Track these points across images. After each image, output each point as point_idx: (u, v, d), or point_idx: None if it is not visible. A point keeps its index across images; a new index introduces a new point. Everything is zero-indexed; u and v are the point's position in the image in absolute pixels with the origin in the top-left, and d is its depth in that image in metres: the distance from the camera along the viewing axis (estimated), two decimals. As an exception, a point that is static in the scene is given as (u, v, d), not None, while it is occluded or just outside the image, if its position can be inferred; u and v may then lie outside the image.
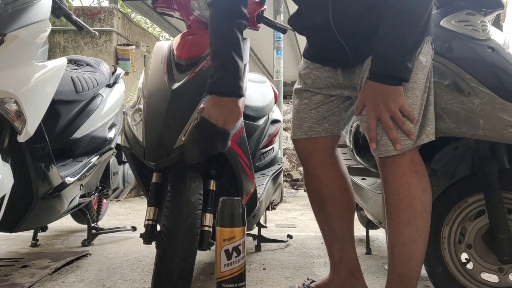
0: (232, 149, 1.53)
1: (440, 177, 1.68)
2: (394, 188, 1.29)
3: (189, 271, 1.33)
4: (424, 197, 1.28)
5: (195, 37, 1.68)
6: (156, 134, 1.45)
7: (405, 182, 1.28)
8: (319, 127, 1.49)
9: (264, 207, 2.15)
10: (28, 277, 1.80)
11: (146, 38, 6.62)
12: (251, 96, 2.16)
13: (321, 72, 1.50)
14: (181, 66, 1.60)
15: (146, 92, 1.55)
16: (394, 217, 1.29)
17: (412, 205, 1.27)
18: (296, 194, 5.82)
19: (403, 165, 1.28)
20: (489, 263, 1.50)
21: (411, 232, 1.27)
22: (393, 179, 1.29)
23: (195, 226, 1.35)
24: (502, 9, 1.64)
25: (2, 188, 1.45)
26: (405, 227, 1.27)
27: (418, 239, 1.27)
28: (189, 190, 1.41)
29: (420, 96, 1.32)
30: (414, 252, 1.28)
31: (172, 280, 1.32)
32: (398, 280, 1.30)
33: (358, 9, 1.35)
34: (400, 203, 1.28)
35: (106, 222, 3.14)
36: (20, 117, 1.56)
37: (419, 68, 1.32)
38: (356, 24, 1.36)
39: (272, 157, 2.52)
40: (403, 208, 1.27)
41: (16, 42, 1.56)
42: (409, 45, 1.25)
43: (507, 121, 1.37)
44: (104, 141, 2.53)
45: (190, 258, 1.33)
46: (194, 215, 1.36)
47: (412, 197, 1.27)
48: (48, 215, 1.97)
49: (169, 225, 1.36)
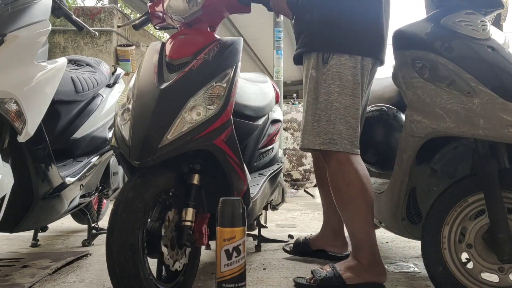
0: (220, 148, 1.54)
1: (440, 177, 1.69)
2: (329, 184, 1.76)
3: (132, 266, 1.32)
4: (348, 190, 1.69)
5: (186, 37, 1.69)
6: (141, 134, 1.46)
7: (332, 180, 1.73)
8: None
9: (260, 207, 2.14)
10: (28, 277, 1.80)
11: (146, 38, 6.62)
12: (250, 96, 2.16)
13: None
14: (172, 66, 1.61)
15: (136, 92, 1.57)
16: (336, 205, 1.77)
17: (340, 196, 1.72)
18: (296, 194, 5.82)
19: (332, 165, 1.72)
20: (489, 263, 1.50)
21: (347, 215, 1.73)
22: (328, 176, 1.76)
23: (131, 221, 1.35)
24: (502, 8, 1.64)
25: (2, 189, 1.45)
26: (342, 212, 1.75)
27: (354, 219, 1.71)
28: (131, 186, 1.41)
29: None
30: (355, 228, 1.72)
31: (115, 275, 1.34)
32: (354, 246, 1.76)
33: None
34: (334, 195, 1.75)
35: (106, 222, 3.13)
36: (20, 117, 1.56)
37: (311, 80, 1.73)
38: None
39: (271, 157, 2.52)
40: (337, 200, 1.74)
41: (16, 42, 1.56)
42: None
43: (507, 120, 1.37)
44: (104, 141, 2.53)
45: (129, 252, 1.32)
46: (130, 210, 1.36)
47: (339, 191, 1.72)
48: (48, 215, 1.97)
49: (109, 221, 1.39)
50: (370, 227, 1.71)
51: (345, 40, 1.70)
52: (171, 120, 1.48)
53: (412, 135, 1.54)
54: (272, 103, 2.49)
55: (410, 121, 1.55)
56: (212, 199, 1.52)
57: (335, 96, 1.69)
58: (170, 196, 1.52)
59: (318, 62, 1.71)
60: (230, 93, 1.59)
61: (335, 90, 1.69)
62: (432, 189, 1.72)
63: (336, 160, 1.70)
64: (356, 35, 1.71)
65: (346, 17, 1.71)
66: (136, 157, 1.46)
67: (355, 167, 1.69)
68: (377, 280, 1.69)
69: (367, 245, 1.71)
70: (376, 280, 1.69)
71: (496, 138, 1.40)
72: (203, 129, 1.50)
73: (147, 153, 1.44)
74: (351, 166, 1.69)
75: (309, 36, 1.76)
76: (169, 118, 1.48)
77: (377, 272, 1.70)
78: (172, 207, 1.52)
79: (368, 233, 1.71)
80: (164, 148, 1.45)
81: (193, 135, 1.48)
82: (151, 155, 1.44)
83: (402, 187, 1.60)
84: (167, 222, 1.48)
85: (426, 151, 1.57)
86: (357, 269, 1.70)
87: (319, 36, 1.72)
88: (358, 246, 1.72)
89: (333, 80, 1.69)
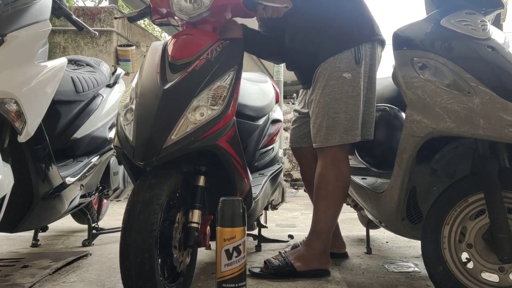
0: (224, 148, 1.54)
1: (441, 177, 1.69)
2: (318, 174, 1.90)
3: (148, 268, 1.32)
4: (336, 184, 1.86)
5: (189, 37, 1.68)
6: (145, 134, 1.46)
7: (324, 172, 1.88)
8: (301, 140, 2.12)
9: (261, 207, 2.15)
10: (28, 277, 1.80)
11: (146, 38, 6.62)
12: (251, 96, 2.16)
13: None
14: (174, 66, 1.61)
15: (139, 92, 1.56)
16: (317, 192, 1.91)
17: (326, 187, 1.86)
18: (296, 194, 5.82)
19: (327, 159, 1.87)
20: (489, 263, 1.50)
21: (324, 205, 1.89)
22: (319, 167, 1.90)
23: (149, 222, 1.34)
24: (502, 8, 1.64)
25: (2, 189, 1.45)
26: (321, 201, 1.89)
27: (329, 210, 1.89)
28: (147, 186, 1.41)
29: (345, 104, 1.82)
30: (326, 218, 1.89)
31: (131, 277, 1.33)
32: (314, 233, 1.91)
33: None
34: (320, 184, 1.89)
35: (107, 222, 3.13)
36: (20, 118, 1.56)
37: (343, 83, 1.82)
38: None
39: (272, 157, 2.52)
40: (321, 188, 1.88)
41: (16, 43, 1.56)
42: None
43: (507, 120, 1.37)
44: (104, 141, 2.53)
45: (147, 254, 1.32)
46: (148, 211, 1.35)
47: (327, 182, 1.86)
48: (49, 215, 1.97)
49: (124, 222, 1.38)
50: (336, 220, 1.95)
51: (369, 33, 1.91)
52: (175, 121, 1.47)
53: (412, 135, 1.54)
54: (272, 103, 2.49)
55: (410, 121, 1.55)
56: (214, 200, 1.52)
57: (364, 92, 1.88)
58: (177, 197, 1.53)
59: (349, 63, 1.84)
60: (233, 94, 1.59)
61: (364, 87, 1.87)
62: (432, 189, 1.71)
63: (333, 154, 1.87)
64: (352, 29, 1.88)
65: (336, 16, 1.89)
66: (140, 158, 1.45)
67: (348, 162, 1.92)
68: (323, 267, 1.89)
69: (327, 236, 1.90)
70: (322, 267, 1.89)
71: (496, 138, 1.39)
72: (207, 130, 1.49)
73: (151, 154, 1.44)
74: (346, 161, 1.91)
75: (328, 41, 1.88)
76: (173, 119, 1.48)
77: (325, 260, 1.90)
78: (181, 209, 1.52)
79: (332, 225, 1.93)
80: (169, 149, 1.45)
81: (197, 136, 1.48)
82: (155, 155, 1.44)
83: (402, 187, 1.60)
84: (177, 224, 1.48)
85: (426, 151, 1.57)
86: (307, 257, 1.87)
87: (347, 37, 1.87)
88: (319, 235, 1.89)
89: (365, 73, 1.88)
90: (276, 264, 1.86)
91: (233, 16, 1.83)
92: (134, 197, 1.41)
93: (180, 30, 1.79)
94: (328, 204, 1.88)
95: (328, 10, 1.90)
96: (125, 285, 1.35)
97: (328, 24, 1.89)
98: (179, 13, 1.70)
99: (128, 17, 1.98)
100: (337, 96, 1.83)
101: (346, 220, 3.39)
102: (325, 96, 1.85)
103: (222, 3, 1.70)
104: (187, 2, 1.67)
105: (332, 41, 1.87)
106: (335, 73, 1.84)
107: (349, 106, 1.83)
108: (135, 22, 2.12)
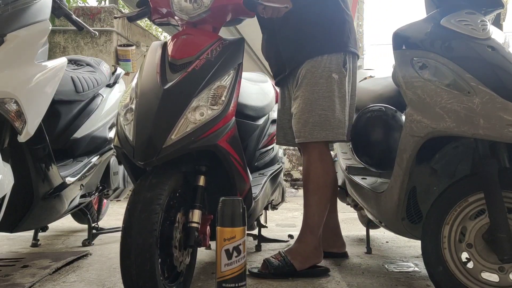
0: (224, 148, 1.54)
1: (441, 177, 1.69)
2: (306, 169, 1.96)
3: (149, 267, 1.32)
4: (325, 177, 1.93)
5: (189, 37, 1.68)
6: (145, 134, 1.46)
7: (313, 167, 1.93)
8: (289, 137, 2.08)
9: (261, 207, 2.15)
10: (28, 277, 1.80)
11: (146, 38, 6.61)
12: (251, 96, 2.16)
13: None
14: (174, 66, 1.61)
15: (139, 92, 1.56)
16: (307, 187, 1.95)
17: (316, 181, 1.91)
18: (296, 193, 5.81)
19: (313, 154, 1.93)
20: (489, 262, 1.50)
21: (315, 198, 1.93)
22: (307, 162, 1.96)
23: (150, 222, 1.34)
24: (502, 8, 1.64)
25: (2, 188, 1.45)
26: (312, 195, 1.93)
27: (320, 204, 1.93)
28: (147, 186, 1.41)
29: (333, 103, 1.88)
30: (317, 211, 1.93)
31: (131, 276, 1.33)
32: (307, 227, 1.94)
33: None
34: (309, 179, 1.94)
35: (107, 222, 3.13)
36: (20, 117, 1.56)
37: (333, 82, 1.89)
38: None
39: (272, 157, 2.52)
40: (311, 182, 1.93)
41: (16, 42, 1.56)
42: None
43: (507, 120, 1.37)
44: (104, 141, 2.53)
45: (148, 253, 1.32)
46: (149, 211, 1.35)
47: (317, 176, 1.91)
48: (49, 215, 1.97)
49: (125, 221, 1.38)
50: (325, 213, 1.98)
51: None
52: (175, 120, 1.48)
53: (412, 135, 1.54)
54: (272, 103, 2.49)
55: (410, 121, 1.55)
56: (214, 200, 1.52)
57: (348, 96, 1.96)
58: (177, 197, 1.52)
59: (338, 65, 1.91)
60: (233, 94, 1.59)
61: (348, 91, 1.95)
62: (432, 189, 1.72)
63: (319, 149, 1.93)
64: (337, 34, 1.95)
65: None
66: (140, 157, 1.45)
67: (332, 158, 2.04)
68: (317, 261, 1.93)
69: (319, 229, 1.95)
70: (317, 261, 1.92)
71: (496, 137, 1.39)
72: (207, 130, 1.50)
73: (151, 153, 1.44)
74: (331, 157, 2.01)
75: (321, 41, 1.93)
76: (173, 118, 1.48)
77: (318, 254, 1.94)
78: (181, 208, 1.52)
79: (323, 218, 1.97)
80: (168, 148, 1.45)
81: (197, 136, 1.48)
82: (156, 155, 1.44)
83: (402, 187, 1.60)
84: (177, 224, 1.48)
85: (426, 151, 1.57)
86: (304, 254, 1.90)
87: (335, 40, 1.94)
88: (312, 229, 1.93)
89: (348, 79, 1.96)
90: (276, 264, 1.86)
91: (234, 16, 1.83)
92: (135, 197, 1.41)
93: (180, 30, 1.79)
94: (319, 198, 1.93)
95: (326, 12, 1.95)
96: (125, 285, 1.35)
97: (325, 23, 1.93)
98: (179, 13, 1.70)
99: (128, 16, 1.98)
100: (326, 94, 1.88)
101: (346, 220, 3.39)
102: (314, 93, 1.89)
103: (222, 3, 1.70)
104: (187, 2, 1.67)
105: (326, 40, 1.92)
106: (325, 73, 1.89)
107: (336, 105, 1.88)
108: (135, 21, 2.12)
